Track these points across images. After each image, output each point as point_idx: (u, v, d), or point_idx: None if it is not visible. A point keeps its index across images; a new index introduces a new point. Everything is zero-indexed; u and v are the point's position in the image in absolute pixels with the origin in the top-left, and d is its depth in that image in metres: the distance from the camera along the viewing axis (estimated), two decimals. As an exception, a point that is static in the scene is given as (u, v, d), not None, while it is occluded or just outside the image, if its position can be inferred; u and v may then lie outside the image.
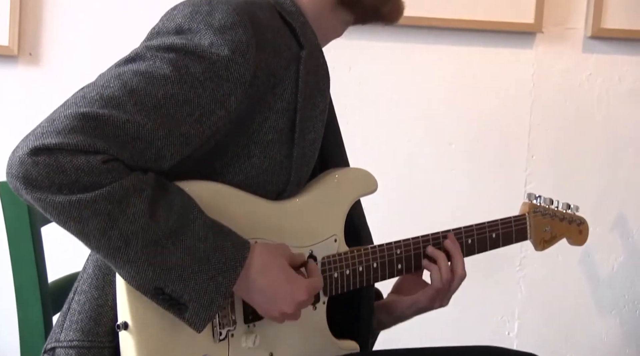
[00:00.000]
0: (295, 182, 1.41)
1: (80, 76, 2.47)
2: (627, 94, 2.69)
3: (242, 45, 1.27)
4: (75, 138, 1.15)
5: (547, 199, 1.80)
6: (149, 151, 1.21)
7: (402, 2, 1.53)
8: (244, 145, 1.34)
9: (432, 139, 2.68)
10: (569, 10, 2.66)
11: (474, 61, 2.66)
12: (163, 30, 1.30)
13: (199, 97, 1.24)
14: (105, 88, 1.21)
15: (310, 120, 1.40)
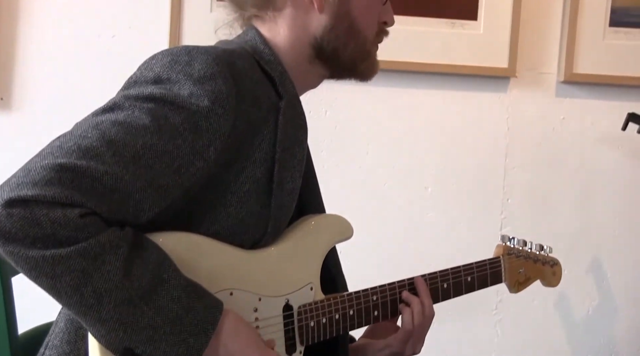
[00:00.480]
0: (272, 232, 1.40)
1: (52, 121, 2.51)
2: (599, 139, 2.72)
3: (222, 95, 1.26)
4: (52, 190, 1.12)
5: (520, 241, 1.82)
6: (127, 203, 1.20)
7: (377, 61, 1.55)
8: (221, 195, 1.33)
9: (408, 183, 2.68)
10: (542, 56, 2.69)
11: (449, 104, 2.68)
12: (141, 80, 1.29)
13: (178, 148, 1.23)
14: (83, 138, 1.19)
15: (288, 170, 1.40)
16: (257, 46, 1.45)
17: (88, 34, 2.55)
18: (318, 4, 1.44)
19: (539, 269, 1.84)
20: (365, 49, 1.51)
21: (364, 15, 1.48)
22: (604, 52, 2.66)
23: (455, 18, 2.62)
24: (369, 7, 1.49)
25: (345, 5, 1.45)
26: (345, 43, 1.47)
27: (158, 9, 2.55)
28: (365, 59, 1.52)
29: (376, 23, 1.52)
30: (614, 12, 2.66)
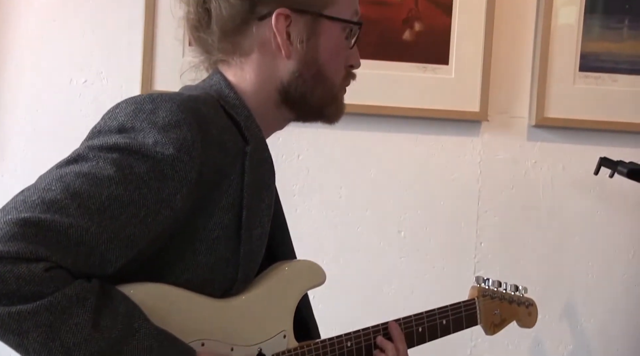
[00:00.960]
0: (243, 278, 1.39)
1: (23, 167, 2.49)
2: (571, 183, 2.73)
3: (187, 143, 1.25)
4: (16, 246, 1.11)
5: (495, 282, 1.81)
6: (93, 256, 1.18)
7: (344, 104, 1.55)
8: (190, 242, 1.31)
9: (381, 227, 2.68)
10: (513, 100, 2.71)
11: (421, 148, 2.68)
12: (105, 129, 1.27)
13: (144, 198, 1.22)
14: (47, 191, 1.17)
15: (256, 215, 1.38)
16: (222, 90, 1.44)
17: (60, 79, 2.54)
18: (285, 50, 1.43)
19: (514, 310, 1.84)
20: (333, 93, 1.50)
21: (331, 61, 1.47)
22: (574, 96, 2.69)
23: (427, 62, 2.64)
24: (336, 53, 1.48)
25: (312, 52, 1.45)
26: (312, 88, 1.47)
27: (130, 54, 2.55)
28: (333, 103, 1.52)
29: (343, 68, 1.51)
30: (584, 57, 2.69)
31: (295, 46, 1.43)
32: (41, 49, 2.53)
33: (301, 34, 1.43)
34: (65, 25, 2.54)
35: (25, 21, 2.52)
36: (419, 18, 2.62)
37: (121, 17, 2.55)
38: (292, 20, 1.42)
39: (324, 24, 1.45)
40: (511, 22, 2.69)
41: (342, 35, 1.48)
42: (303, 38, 1.43)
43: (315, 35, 1.45)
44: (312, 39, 1.44)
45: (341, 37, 1.48)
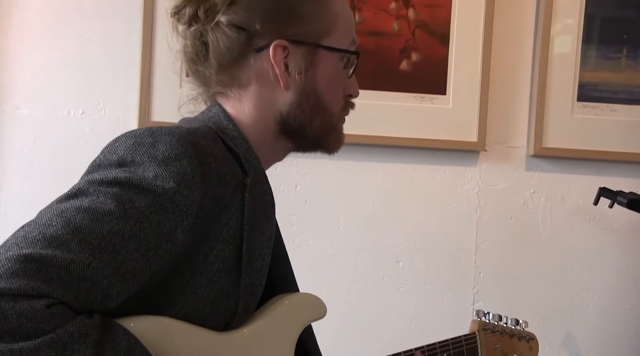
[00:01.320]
0: (243, 311, 1.37)
1: (21, 202, 2.49)
2: (570, 212, 2.72)
3: (188, 176, 1.25)
4: (18, 282, 1.10)
5: (495, 316, 1.80)
6: (94, 291, 1.17)
7: (343, 134, 1.54)
8: (190, 276, 1.30)
9: (379, 257, 2.67)
10: (511, 130, 2.71)
11: (419, 178, 2.68)
12: (105, 163, 1.27)
13: (145, 232, 1.21)
14: (47, 227, 1.17)
15: (257, 247, 1.37)
16: (221, 122, 1.44)
17: (57, 110, 2.54)
18: (284, 82, 1.43)
19: (515, 344, 1.83)
20: (332, 123, 1.50)
21: (329, 91, 1.47)
22: (572, 126, 2.69)
23: (424, 92, 2.64)
24: (335, 83, 1.48)
25: (311, 82, 1.45)
26: (311, 119, 1.46)
27: (128, 85, 2.55)
28: (332, 133, 1.51)
29: (342, 98, 1.51)
30: (582, 87, 2.70)
31: (293, 77, 1.43)
32: (39, 81, 2.54)
33: (299, 65, 1.43)
34: (63, 57, 2.55)
35: (23, 53, 2.53)
36: (416, 48, 2.63)
37: (119, 49, 2.56)
38: (289, 52, 1.42)
39: (321, 54, 1.45)
40: (508, 51, 2.70)
41: (339, 64, 1.48)
42: (301, 69, 1.43)
43: (313, 66, 1.44)
44: (310, 70, 1.44)
45: (339, 66, 1.48)
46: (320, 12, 1.45)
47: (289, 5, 1.44)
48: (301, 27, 1.44)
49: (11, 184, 2.53)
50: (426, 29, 2.64)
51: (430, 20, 2.64)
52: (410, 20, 2.63)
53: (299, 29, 1.43)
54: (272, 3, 1.43)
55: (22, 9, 2.53)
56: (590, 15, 2.69)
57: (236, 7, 1.42)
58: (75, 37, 2.55)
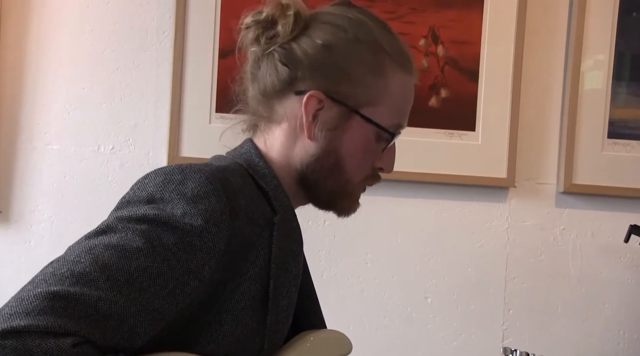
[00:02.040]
0: (269, 349, 1.37)
1: (50, 235, 2.50)
2: (600, 249, 2.70)
3: (216, 214, 1.25)
4: (45, 320, 1.10)
5: (523, 353, 1.79)
6: (122, 329, 1.17)
7: (358, 203, 1.52)
8: (216, 313, 1.30)
9: (408, 293, 2.66)
10: (541, 166, 2.70)
11: (449, 214, 2.67)
12: (134, 200, 1.28)
13: (173, 269, 1.21)
14: (76, 264, 1.17)
15: (283, 286, 1.37)
16: (252, 159, 1.45)
17: (87, 146, 2.56)
18: (307, 131, 1.42)
19: (540, 383, 1.81)
20: (347, 189, 1.47)
21: (353, 158, 1.45)
22: (602, 163, 2.67)
23: (454, 128, 2.64)
24: (360, 152, 1.45)
25: (335, 142, 1.43)
26: (326, 177, 1.45)
27: (157, 121, 2.57)
28: (345, 198, 1.49)
29: (368, 167, 1.48)
30: (612, 124, 2.68)
31: (319, 131, 1.42)
32: (70, 116, 2.56)
33: (329, 123, 1.42)
34: (94, 92, 2.57)
35: (54, 88, 2.56)
36: (445, 84, 2.63)
37: (149, 85, 2.58)
38: (324, 106, 1.42)
39: (355, 120, 1.43)
40: (538, 87, 2.70)
41: (371, 138, 1.45)
42: (330, 127, 1.42)
43: (342, 128, 1.43)
44: (339, 131, 1.43)
45: (371, 138, 1.45)
46: (371, 82, 1.43)
47: (341, 64, 1.43)
48: (345, 88, 1.43)
49: (41, 220, 2.55)
50: (455, 66, 2.64)
51: (460, 57, 2.64)
52: (439, 57, 2.63)
53: (342, 89, 1.42)
54: (326, 56, 1.43)
55: (54, 47, 2.56)
56: (620, 52, 2.69)
57: (294, 45, 1.43)
58: (105, 73, 2.58)
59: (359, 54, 1.44)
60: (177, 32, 2.56)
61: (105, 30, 2.59)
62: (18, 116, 2.54)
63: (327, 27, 1.45)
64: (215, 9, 2.58)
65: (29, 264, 2.50)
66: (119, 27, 2.59)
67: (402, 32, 2.58)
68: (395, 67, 1.46)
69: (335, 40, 1.44)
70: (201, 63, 2.57)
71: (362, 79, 1.43)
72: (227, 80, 2.58)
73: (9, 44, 2.53)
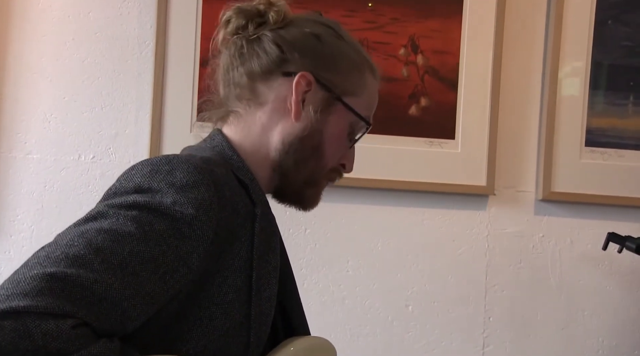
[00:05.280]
0: (255, 342, 1.38)
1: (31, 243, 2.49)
2: (579, 257, 2.72)
3: (205, 203, 1.27)
4: (44, 301, 1.11)
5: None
6: (115, 312, 1.18)
7: (320, 197, 1.56)
8: (206, 307, 1.31)
9: (389, 301, 2.67)
10: (520, 174, 2.72)
11: (428, 222, 2.68)
12: (121, 191, 1.28)
13: (164, 254, 1.23)
14: (69, 247, 1.17)
15: (264, 277, 1.39)
16: (225, 152, 1.46)
17: (68, 155, 2.56)
18: (295, 111, 1.46)
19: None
20: (318, 176, 1.52)
21: (331, 143, 1.50)
22: (581, 171, 2.70)
23: (433, 137, 2.66)
24: (338, 140, 1.51)
25: (320, 125, 1.47)
26: (307, 159, 1.48)
27: (138, 130, 2.57)
28: (313, 187, 1.53)
29: (337, 158, 1.53)
30: (590, 132, 2.71)
31: (306, 112, 1.46)
32: (50, 125, 2.56)
33: (315, 105, 1.46)
34: (75, 101, 2.57)
35: (35, 97, 2.56)
36: (424, 93, 2.65)
37: (130, 94, 2.59)
38: (312, 89, 1.46)
39: (338, 108, 1.48)
40: (517, 96, 2.72)
41: (347, 128, 1.51)
42: (316, 109, 1.47)
43: (327, 112, 1.48)
44: (323, 114, 1.47)
45: (345, 129, 1.51)
46: (353, 74, 1.50)
47: (330, 53, 1.49)
48: (332, 76, 1.48)
49: (21, 229, 2.54)
50: (435, 75, 2.66)
51: (439, 66, 2.66)
52: (419, 66, 2.65)
53: (329, 76, 1.48)
54: (317, 43, 1.49)
55: (35, 56, 2.56)
56: (597, 62, 2.71)
57: (284, 31, 1.48)
58: (86, 82, 2.58)
59: (343, 48, 1.51)
60: (158, 42, 2.56)
61: (86, 40, 2.59)
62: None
63: (312, 23, 1.52)
64: (196, 18, 2.58)
65: (8, 274, 2.49)
66: (100, 36, 2.60)
67: (382, 41, 2.62)
68: (369, 68, 1.53)
69: (322, 32, 1.50)
70: (182, 72, 2.57)
71: (347, 71, 1.49)
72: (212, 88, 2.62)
73: (-10, 53, 2.53)
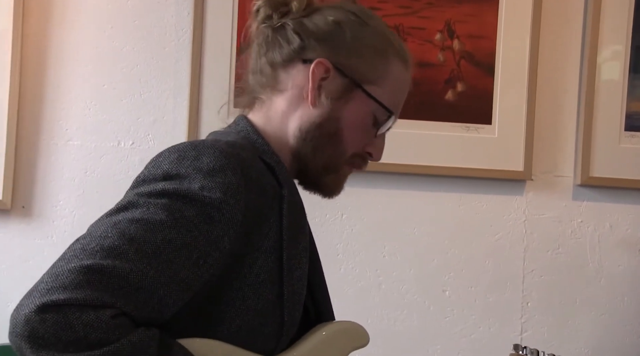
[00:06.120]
0: (290, 321, 1.40)
1: (72, 229, 2.53)
2: (618, 242, 2.70)
3: (233, 187, 1.28)
4: (83, 293, 1.14)
5: (533, 351, 1.79)
6: (152, 300, 1.21)
7: (343, 185, 1.55)
8: (238, 288, 1.34)
9: (426, 286, 2.67)
10: (558, 159, 2.70)
11: (466, 207, 2.68)
12: (149, 178, 1.30)
13: (195, 240, 1.25)
14: (104, 238, 1.20)
15: (295, 257, 1.40)
16: (250, 136, 1.48)
17: (108, 142, 2.58)
18: (312, 98, 1.46)
19: (550, 380, 1.81)
20: (338, 162, 1.50)
21: (350, 131, 1.48)
22: (620, 156, 2.68)
23: (470, 122, 2.65)
24: (357, 128, 1.49)
25: (336, 112, 1.47)
26: (324, 145, 1.48)
27: (176, 117, 2.59)
28: (332, 173, 1.51)
29: (359, 146, 1.51)
30: (629, 116, 2.68)
31: (322, 99, 1.46)
32: (90, 112, 2.59)
33: (332, 92, 1.46)
34: (114, 89, 2.60)
35: (75, 85, 2.58)
36: (461, 79, 2.64)
37: (167, 81, 2.60)
38: (330, 76, 1.46)
39: (358, 95, 1.48)
40: (554, 80, 2.70)
41: (369, 116, 1.49)
42: (333, 96, 1.46)
43: (345, 99, 1.47)
44: (341, 102, 1.47)
45: (368, 117, 1.49)
46: (376, 61, 1.49)
47: (349, 40, 1.48)
48: (352, 62, 1.47)
49: (63, 215, 2.57)
50: (471, 60, 2.65)
51: (476, 51, 2.65)
52: (455, 51, 2.64)
53: (349, 62, 1.47)
54: (337, 30, 1.49)
55: (74, 44, 2.59)
56: (637, 46, 2.68)
57: (307, 20, 1.49)
58: (125, 69, 2.60)
59: (366, 35, 1.50)
60: (195, 29, 2.58)
61: (124, 28, 2.61)
62: (39, 112, 2.57)
63: (337, 10, 1.51)
64: (232, 5, 2.60)
65: (51, 259, 2.52)
66: (138, 24, 2.62)
67: (418, 27, 2.61)
68: (396, 55, 1.51)
69: (345, 19, 1.50)
70: (219, 59, 2.59)
71: (368, 57, 1.48)
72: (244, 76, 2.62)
73: (31, 42, 2.56)
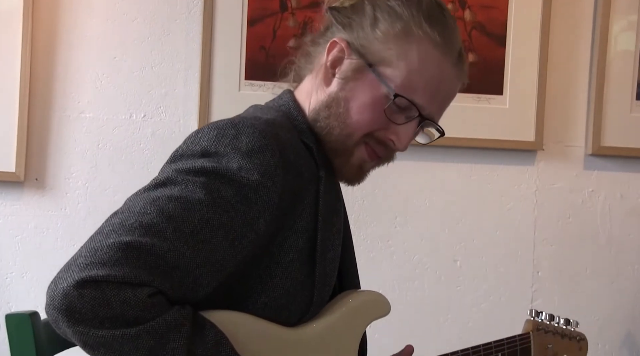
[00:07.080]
0: (318, 302, 1.41)
1: (85, 201, 2.55)
2: (629, 211, 2.71)
3: (270, 169, 1.28)
4: (121, 270, 1.15)
5: (548, 316, 1.80)
6: (187, 279, 1.22)
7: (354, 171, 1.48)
8: (266, 266, 1.34)
9: (437, 256, 2.68)
10: (569, 129, 2.70)
11: (477, 178, 2.69)
12: (188, 153, 1.30)
13: (232, 221, 1.25)
14: (143, 215, 1.21)
15: (329, 239, 1.41)
16: (291, 113, 1.46)
17: (120, 114, 2.59)
18: (324, 75, 1.44)
19: (566, 345, 1.83)
20: (346, 144, 1.43)
21: (358, 113, 1.41)
22: (631, 125, 2.68)
23: (481, 93, 2.65)
24: (367, 110, 1.41)
25: (348, 92, 1.41)
26: (334, 127, 1.42)
27: (187, 89, 2.59)
28: (342, 156, 1.44)
29: (368, 128, 1.42)
30: (641, 86, 2.68)
31: (335, 79, 1.43)
32: (102, 85, 2.59)
33: (344, 72, 1.42)
34: (125, 61, 2.60)
35: (86, 58, 2.59)
36: (472, 49, 2.64)
37: (178, 53, 2.60)
38: (345, 55, 1.42)
39: (369, 76, 1.41)
40: (566, 50, 2.69)
41: (380, 99, 1.40)
42: (345, 76, 1.42)
43: (355, 80, 1.41)
44: (351, 82, 1.42)
45: (379, 100, 1.40)
46: (395, 43, 1.40)
47: (370, 20, 1.42)
48: (367, 43, 1.41)
49: (76, 187, 2.58)
50: (482, 30, 2.64)
51: (487, 22, 2.64)
52: (466, 22, 2.64)
53: (364, 43, 1.41)
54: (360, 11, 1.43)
55: (85, 16, 2.59)
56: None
57: (343, 1, 1.46)
58: (136, 42, 2.60)
59: (389, 15, 1.41)
60: (206, 1, 2.57)
61: (135, 0, 2.61)
62: (52, 85, 2.57)
63: None
64: (243, -23, 2.59)
65: (65, 230, 2.54)
66: (148, -4, 2.62)
67: (429, -4, 2.59)
68: (421, 37, 1.40)
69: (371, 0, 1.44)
70: (230, 31, 2.59)
71: (386, 37, 1.40)
72: (255, 48, 2.60)
73: (42, 13, 2.56)
